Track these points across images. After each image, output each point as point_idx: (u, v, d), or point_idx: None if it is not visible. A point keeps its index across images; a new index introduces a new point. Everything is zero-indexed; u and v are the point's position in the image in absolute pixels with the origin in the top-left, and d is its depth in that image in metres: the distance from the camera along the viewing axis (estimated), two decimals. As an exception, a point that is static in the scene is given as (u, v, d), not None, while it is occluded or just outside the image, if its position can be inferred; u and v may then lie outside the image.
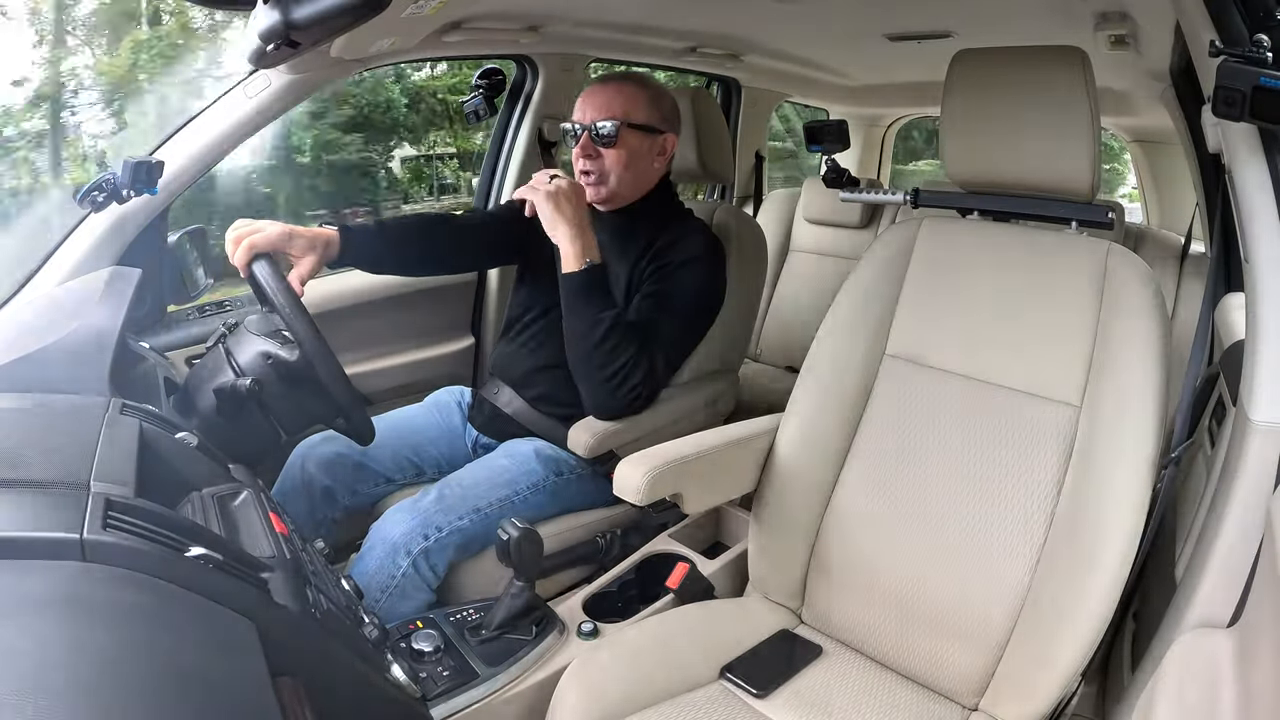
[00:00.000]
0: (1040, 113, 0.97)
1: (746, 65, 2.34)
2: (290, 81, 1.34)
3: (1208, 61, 0.74)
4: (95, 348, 0.91)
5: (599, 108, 1.31)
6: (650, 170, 1.36)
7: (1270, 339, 0.80)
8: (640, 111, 1.32)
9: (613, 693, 0.90)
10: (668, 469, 1.02)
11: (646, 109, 1.32)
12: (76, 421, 0.72)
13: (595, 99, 1.32)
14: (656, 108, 1.34)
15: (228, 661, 0.51)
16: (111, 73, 4.60)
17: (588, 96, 1.33)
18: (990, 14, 1.68)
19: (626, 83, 1.35)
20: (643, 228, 1.34)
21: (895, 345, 1.10)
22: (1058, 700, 0.91)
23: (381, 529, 1.17)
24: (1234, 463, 0.82)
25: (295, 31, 0.98)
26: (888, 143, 3.31)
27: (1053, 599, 0.90)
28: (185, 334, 1.42)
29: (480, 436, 1.42)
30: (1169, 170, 2.76)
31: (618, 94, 1.32)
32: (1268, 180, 0.79)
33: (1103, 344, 0.94)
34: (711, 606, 1.13)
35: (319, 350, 0.98)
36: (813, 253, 2.53)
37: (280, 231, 1.11)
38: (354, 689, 0.67)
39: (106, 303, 0.96)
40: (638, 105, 1.32)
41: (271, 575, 0.63)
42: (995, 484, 0.98)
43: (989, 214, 1.10)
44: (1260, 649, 0.64)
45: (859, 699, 0.97)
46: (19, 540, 0.50)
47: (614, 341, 1.21)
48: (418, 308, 1.79)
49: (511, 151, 1.92)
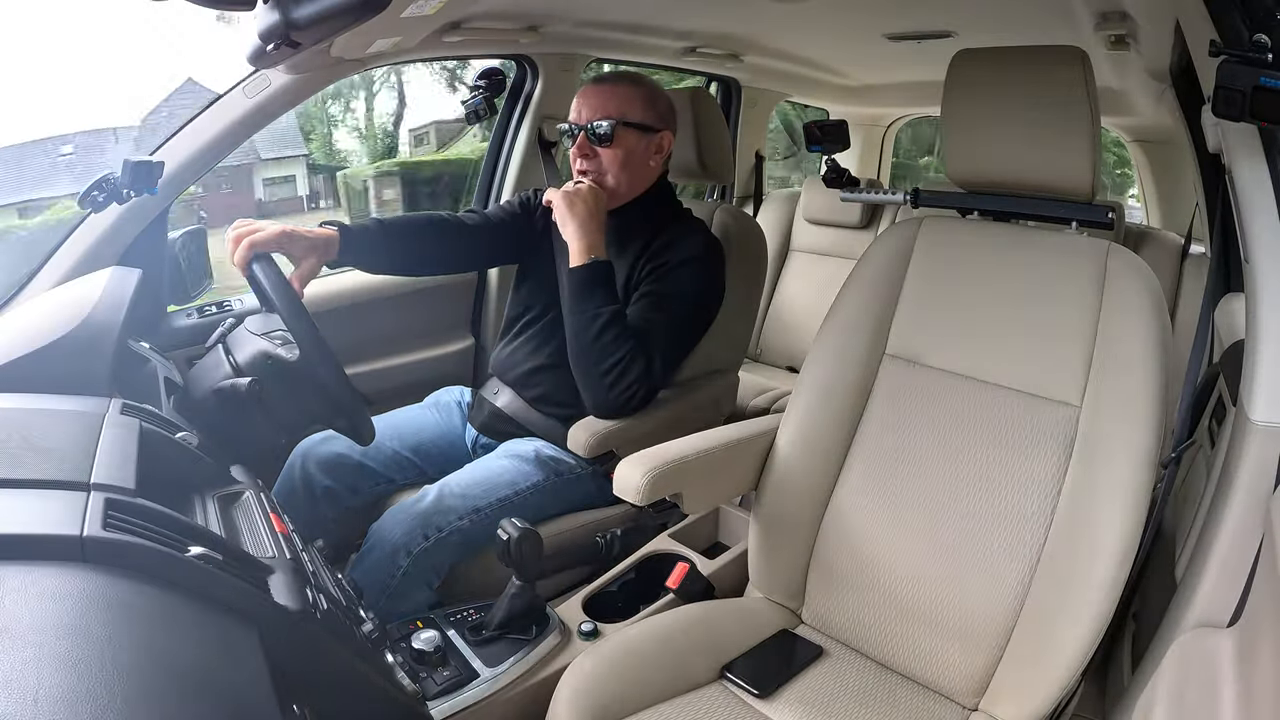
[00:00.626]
0: (1040, 113, 0.96)
1: (746, 65, 2.34)
2: (290, 81, 1.34)
3: (1208, 61, 0.74)
4: (95, 348, 0.91)
5: (595, 107, 1.31)
6: (647, 169, 1.36)
7: (1270, 339, 0.80)
8: (636, 110, 1.32)
9: (613, 693, 0.90)
10: (668, 469, 1.02)
11: (642, 107, 1.33)
12: (76, 421, 0.72)
13: (591, 98, 1.33)
14: (652, 106, 1.34)
15: (228, 661, 0.51)
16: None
17: (584, 96, 1.34)
18: (990, 14, 1.68)
19: (622, 82, 1.35)
20: (641, 228, 1.35)
21: (895, 345, 1.10)
22: (1058, 700, 0.91)
23: (381, 529, 1.17)
24: (1234, 463, 0.82)
25: (295, 31, 0.98)
26: (888, 143, 3.31)
27: (1053, 599, 0.90)
28: (185, 334, 1.42)
29: (480, 436, 1.42)
30: (1169, 170, 2.76)
31: (613, 93, 1.32)
32: (1268, 180, 0.79)
33: (1103, 344, 0.94)
34: (711, 606, 1.12)
35: (318, 350, 0.98)
36: (813, 253, 2.53)
37: (280, 231, 1.12)
38: (354, 689, 0.67)
39: (106, 303, 0.96)
40: (633, 104, 1.32)
41: (271, 575, 0.63)
42: (995, 484, 0.98)
43: (989, 214, 1.10)
44: (1260, 649, 0.64)
45: (859, 699, 0.97)
46: (20, 539, 0.50)
47: (610, 337, 1.21)
48: (418, 308, 1.79)
49: (511, 151, 1.92)
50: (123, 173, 1.19)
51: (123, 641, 0.46)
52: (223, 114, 1.33)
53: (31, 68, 3.26)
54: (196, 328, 1.43)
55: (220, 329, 1.07)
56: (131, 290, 1.01)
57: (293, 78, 1.34)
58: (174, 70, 3.01)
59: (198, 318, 1.47)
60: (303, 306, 1.01)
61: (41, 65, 3.32)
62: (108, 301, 0.97)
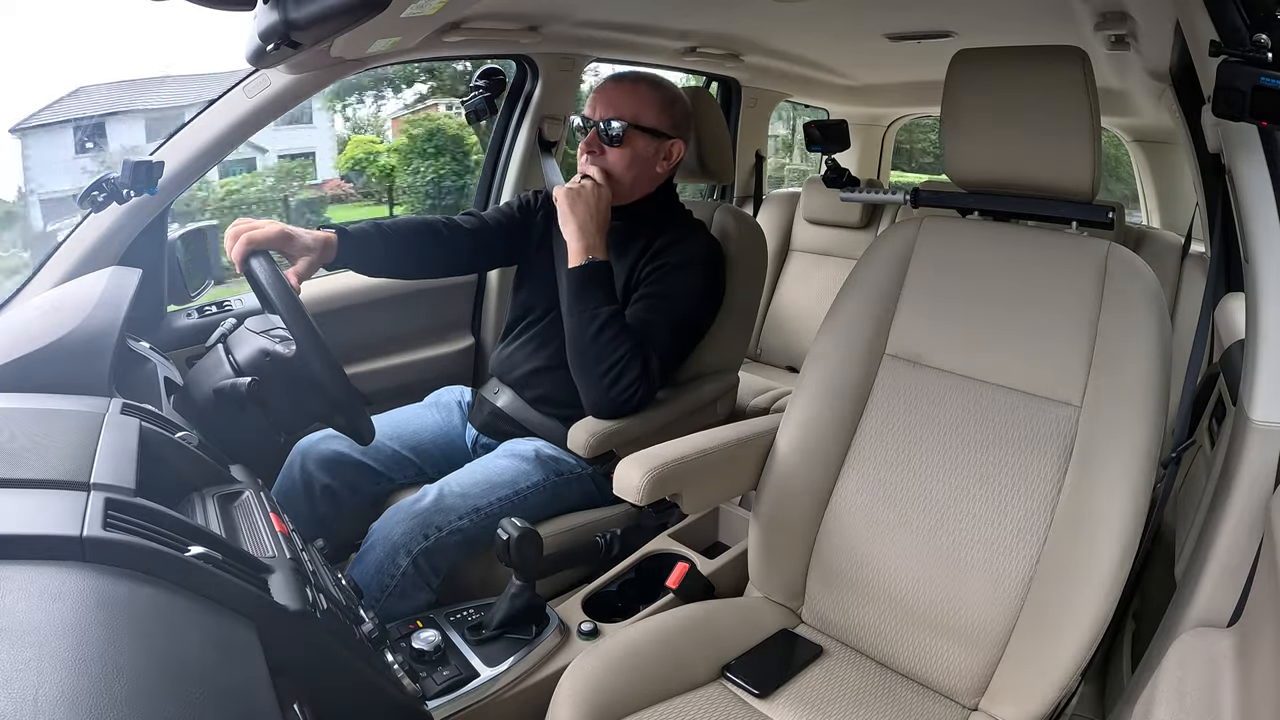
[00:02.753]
0: (1040, 113, 0.96)
1: (746, 65, 2.34)
2: (290, 81, 1.34)
3: (1208, 61, 0.74)
4: (95, 348, 0.91)
5: (610, 105, 1.31)
6: (653, 174, 1.36)
7: (1270, 339, 0.80)
8: (650, 115, 1.32)
9: (612, 693, 0.90)
10: (667, 469, 1.02)
11: (657, 113, 1.32)
12: (76, 421, 0.72)
13: (608, 96, 1.32)
14: (668, 113, 1.34)
15: (228, 661, 0.51)
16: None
17: (601, 93, 1.33)
18: (990, 14, 1.68)
19: (641, 84, 1.34)
20: (642, 229, 1.34)
21: (895, 345, 1.10)
22: (1058, 700, 0.91)
23: (381, 528, 1.17)
24: (1234, 463, 0.82)
25: (295, 31, 0.98)
26: (888, 143, 3.31)
27: (1052, 598, 0.90)
28: (185, 334, 1.42)
29: (480, 436, 1.42)
30: (1169, 170, 2.76)
31: (631, 95, 1.32)
32: (1268, 180, 0.79)
33: (1103, 344, 0.94)
34: (711, 606, 1.12)
35: (315, 344, 0.98)
36: (813, 253, 2.53)
37: (279, 231, 1.12)
38: (354, 688, 0.67)
39: (106, 303, 0.96)
40: (649, 108, 1.32)
41: (271, 575, 0.63)
42: (995, 483, 0.98)
43: (989, 214, 1.10)
44: (1260, 649, 0.64)
45: (859, 699, 0.97)
46: (20, 539, 0.50)
47: (609, 337, 1.21)
48: (418, 308, 1.79)
49: (511, 152, 1.92)
50: (123, 173, 1.19)
51: (123, 641, 0.45)
52: (223, 114, 1.33)
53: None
54: (196, 328, 1.43)
55: (220, 329, 1.07)
56: (131, 290, 1.01)
57: (293, 78, 1.34)
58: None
59: (198, 318, 1.47)
60: (298, 302, 1.01)
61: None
62: (108, 301, 0.97)
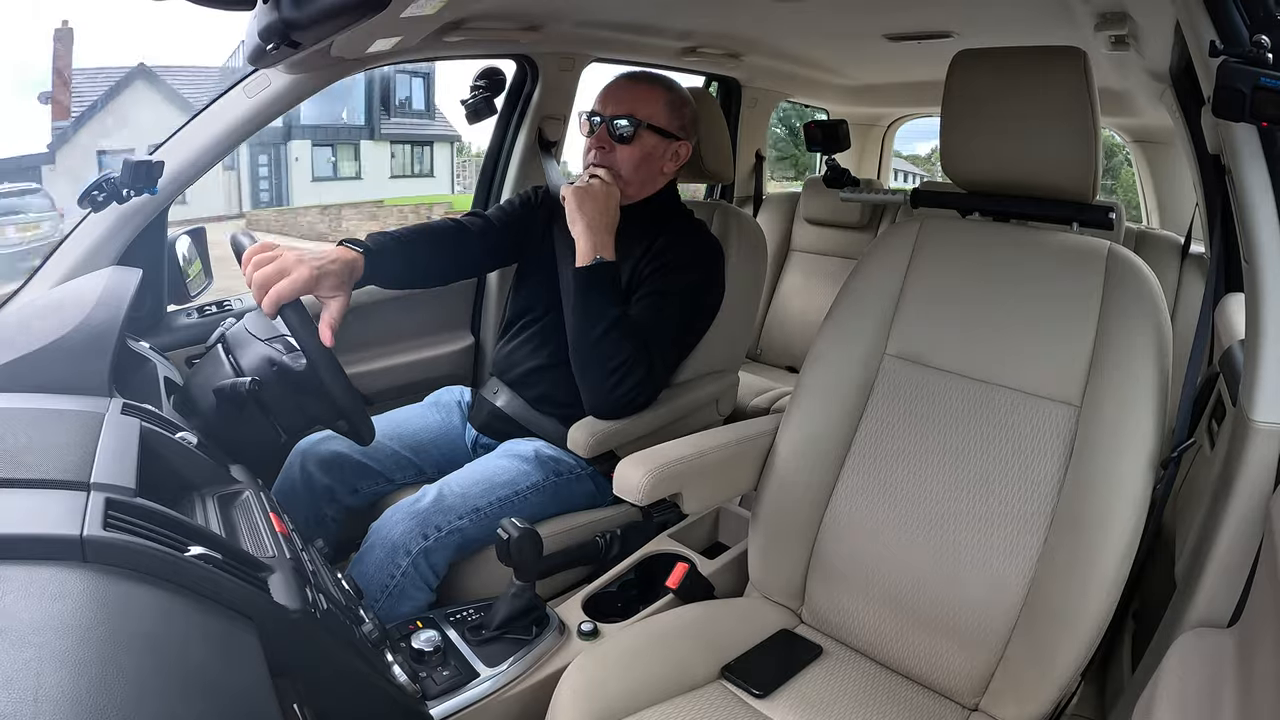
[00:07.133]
0: (1040, 113, 0.97)
1: (746, 65, 2.33)
2: (290, 81, 1.34)
3: (1208, 61, 0.74)
4: (95, 348, 0.91)
5: (621, 103, 1.32)
6: (660, 174, 1.36)
7: (1270, 339, 0.80)
8: (660, 115, 1.32)
9: (612, 693, 0.90)
10: (668, 469, 1.02)
11: (667, 114, 1.33)
12: (76, 421, 0.72)
13: (619, 93, 1.33)
14: (677, 114, 1.34)
15: (228, 661, 0.51)
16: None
17: (612, 89, 1.34)
18: (990, 14, 1.68)
19: (653, 84, 1.35)
20: (643, 229, 1.34)
21: (895, 345, 1.10)
22: (1057, 700, 0.91)
23: (381, 529, 1.17)
24: (1234, 463, 0.82)
25: (295, 31, 0.98)
26: (888, 143, 3.31)
27: (1052, 599, 0.90)
28: (185, 334, 1.42)
29: (480, 436, 1.42)
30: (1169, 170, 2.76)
31: (642, 93, 1.32)
32: (1268, 180, 0.79)
33: (1103, 344, 0.94)
34: (711, 606, 1.12)
35: (327, 365, 0.98)
36: (813, 253, 2.53)
37: (308, 276, 1.01)
38: (354, 689, 0.67)
39: (106, 303, 0.96)
40: (659, 108, 1.32)
41: (271, 575, 0.63)
42: (995, 483, 0.98)
43: (989, 214, 1.10)
44: (1260, 649, 0.64)
45: (859, 699, 0.97)
46: (20, 539, 0.50)
47: (613, 340, 1.21)
48: (418, 308, 1.79)
49: (511, 151, 1.92)
50: (123, 172, 1.19)
51: (123, 641, 0.46)
52: (223, 114, 1.33)
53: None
54: (196, 328, 1.43)
55: (220, 329, 1.07)
56: (131, 290, 1.01)
57: (293, 78, 1.34)
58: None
59: (198, 318, 1.47)
60: (334, 359, 0.98)
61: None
62: (108, 301, 0.96)
